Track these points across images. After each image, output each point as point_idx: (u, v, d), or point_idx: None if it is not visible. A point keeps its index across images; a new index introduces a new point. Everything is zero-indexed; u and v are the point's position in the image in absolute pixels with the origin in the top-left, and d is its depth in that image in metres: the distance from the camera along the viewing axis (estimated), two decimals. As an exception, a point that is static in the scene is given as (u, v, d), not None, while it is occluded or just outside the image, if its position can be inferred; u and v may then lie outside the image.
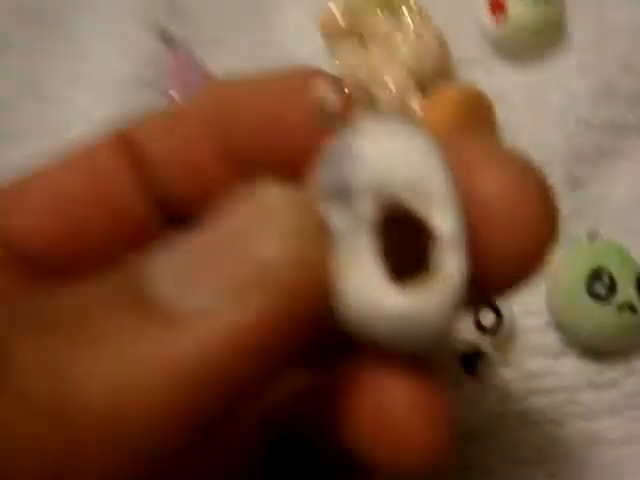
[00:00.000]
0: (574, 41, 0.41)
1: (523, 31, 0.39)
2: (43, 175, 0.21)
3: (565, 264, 0.35)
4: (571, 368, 0.35)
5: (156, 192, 0.21)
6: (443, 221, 0.15)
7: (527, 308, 0.36)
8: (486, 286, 0.18)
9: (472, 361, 0.32)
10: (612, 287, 0.33)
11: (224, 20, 0.41)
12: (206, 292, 0.15)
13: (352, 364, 0.18)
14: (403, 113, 0.35)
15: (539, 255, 0.18)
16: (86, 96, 0.40)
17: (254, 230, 0.16)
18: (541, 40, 0.40)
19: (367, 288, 0.16)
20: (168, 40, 0.39)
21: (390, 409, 0.17)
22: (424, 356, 0.17)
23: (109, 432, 0.14)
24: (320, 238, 0.16)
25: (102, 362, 0.15)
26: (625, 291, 0.33)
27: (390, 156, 0.16)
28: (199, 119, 0.21)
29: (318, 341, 0.16)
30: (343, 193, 0.16)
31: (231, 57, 0.41)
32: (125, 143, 0.21)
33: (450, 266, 0.15)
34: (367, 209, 0.16)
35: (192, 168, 0.21)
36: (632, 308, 0.33)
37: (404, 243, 0.16)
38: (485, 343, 0.33)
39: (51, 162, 0.21)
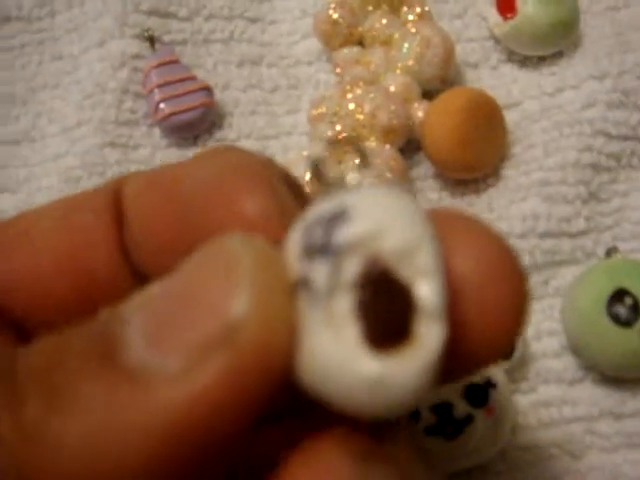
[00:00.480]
0: (589, 44, 0.38)
1: (534, 31, 0.37)
2: (30, 223, 0.21)
3: (582, 283, 0.32)
4: (589, 396, 0.33)
5: (133, 255, 0.21)
6: (427, 292, 0.15)
7: (540, 329, 0.33)
8: (461, 359, 0.18)
9: (483, 391, 0.29)
10: (635, 309, 0.30)
11: (215, 21, 0.39)
12: (172, 355, 0.15)
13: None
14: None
15: (510, 332, 0.18)
16: (64, 101, 0.38)
17: (220, 285, 0.15)
18: (553, 42, 0.38)
19: (339, 350, 0.15)
20: (151, 40, 0.37)
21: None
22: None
23: None
24: (288, 297, 0.16)
25: (73, 426, 0.15)
26: (649, 313, 0.30)
27: (382, 220, 0.15)
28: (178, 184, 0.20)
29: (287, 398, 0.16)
30: (329, 252, 0.15)
31: (222, 57, 0.38)
32: (116, 196, 0.21)
33: (429, 336, 0.15)
34: (351, 270, 0.15)
35: (167, 234, 0.20)
36: (657, 332, 0.30)
37: (386, 308, 0.15)
38: (496, 371, 0.30)
39: (43, 207, 0.21)
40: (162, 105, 0.36)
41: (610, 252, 0.34)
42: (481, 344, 0.18)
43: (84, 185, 0.35)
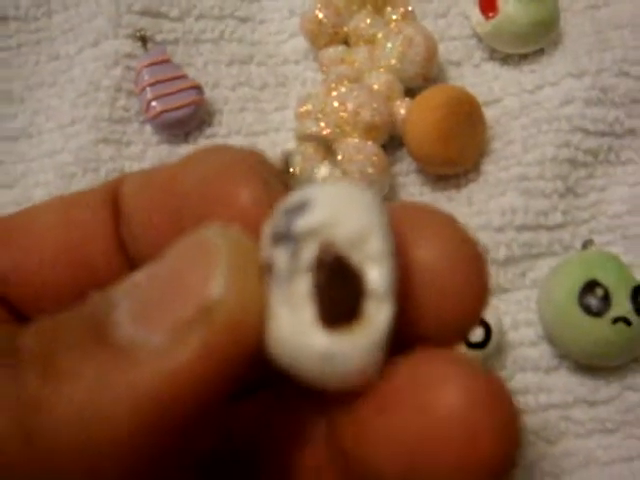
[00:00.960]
0: (569, 42, 0.39)
1: (515, 30, 0.38)
2: (31, 218, 0.23)
3: (556, 274, 0.33)
4: (564, 384, 0.34)
5: (130, 248, 0.22)
6: (376, 276, 0.17)
7: (517, 319, 0.34)
8: (426, 334, 0.19)
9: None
10: (606, 300, 0.31)
11: (206, 21, 0.40)
12: (157, 332, 0.17)
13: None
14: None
15: (472, 314, 0.19)
16: (60, 99, 0.39)
17: (198, 270, 0.17)
18: (534, 40, 0.39)
19: (297, 327, 0.17)
20: (143, 40, 0.38)
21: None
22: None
23: (79, 456, 0.16)
24: (258, 278, 0.17)
25: (67, 398, 0.16)
26: (619, 304, 0.31)
27: (337, 211, 0.17)
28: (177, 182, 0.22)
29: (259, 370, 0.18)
30: (290, 239, 0.17)
31: (213, 56, 0.40)
32: (113, 194, 0.22)
33: (377, 316, 0.17)
34: (308, 255, 0.17)
35: (163, 228, 0.22)
36: (627, 321, 0.31)
37: (339, 290, 0.17)
38: (474, 358, 0.31)
39: (43, 204, 0.23)
40: (154, 103, 0.37)
41: (586, 244, 0.35)
42: (444, 325, 0.19)
43: (79, 181, 0.36)
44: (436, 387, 0.16)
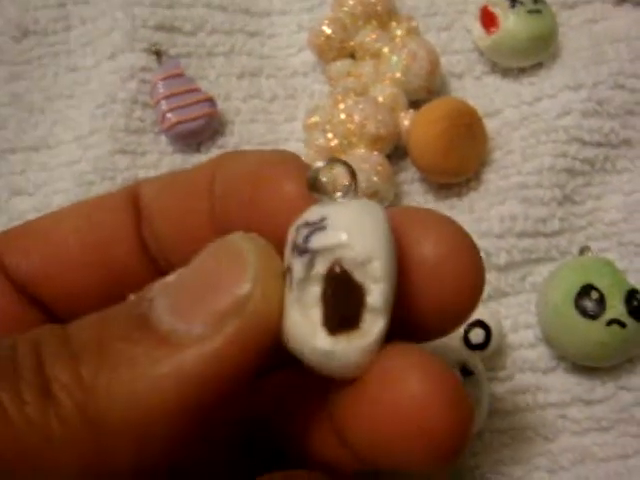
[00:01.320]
0: (566, 56, 0.41)
1: (515, 44, 0.39)
2: (56, 221, 0.26)
3: (554, 279, 0.35)
4: (561, 384, 0.35)
5: (152, 247, 0.25)
6: (374, 294, 0.20)
7: (517, 322, 0.36)
8: (425, 324, 0.22)
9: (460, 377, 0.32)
10: (601, 303, 0.33)
11: (218, 35, 0.41)
12: (196, 323, 0.20)
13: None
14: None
15: (468, 303, 0.22)
16: (78, 110, 0.41)
17: (231, 271, 0.20)
18: (533, 54, 0.40)
19: (306, 327, 0.20)
20: (158, 54, 0.40)
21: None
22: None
23: (132, 434, 0.19)
24: (280, 281, 0.20)
25: (121, 380, 0.19)
26: (614, 307, 0.33)
27: (348, 235, 0.20)
28: (200, 184, 0.25)
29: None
30: (307, 252, 0.20)
31: (224, 69, 0.41)
32: (133, 197, 0.25)
33: (372, 328, 0.20)
34: (320, 268, 0.20)
35: (187, 228, 0.25)
36: (621, 324, 0.33)
37: (344, 300, 0.20)
38: (474, 359, 0.33)
39: (66, 208, 0.26)
40: (169, 115, 0.38)
41: (583, 251, 0.37)
42: (443, 313, 0.22)
43: (96, 189, 0.38)
44: (399, 376, 0.20)
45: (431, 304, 0.22)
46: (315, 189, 0.21)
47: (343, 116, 0.37)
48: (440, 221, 0.22)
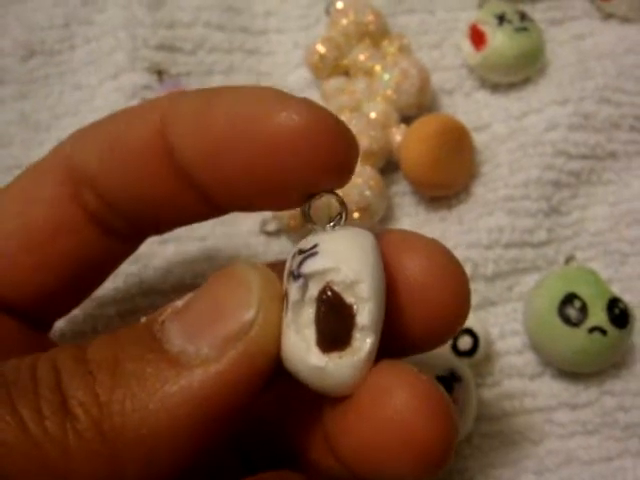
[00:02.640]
0: (553, 71, 0.42)
1: (503, 61, 0.41)
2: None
3: (539, 288, 0.36)
4: (547, 389, 0.37)
5: (105, 215, 0.26)
6: (364, 315, 0.21)
7: (504, 330, 0.37)
8: (416, 340, 0.24)
9: (448, 384, 0.33)
10: (583, 311, 0.34)
11: (217, 54, 0.43)
12: (204, 346, 0.21)
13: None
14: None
15: (455, 317, 0.24)
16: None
17: (236, 298, 0.22)
18: (520, 70, 0.41)
19: (301, 346, 0.22)
20: (159, 73, 0.41)
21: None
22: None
23: (144, 447, 0.21)
24: (280, 306, 0.22)
25: (134, 398, 0.21)
26: (596, 315, 0.34)
27: (338, 260, 0.22)
28: (145, 141, 0.25)
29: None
30: (300, 277, 0.22)
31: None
32: (69, 172, 0.26)
33: (362, 345, 0.22)
34: (313, 292, 0.22)
35: (144, 189, 0.26)
36: (602, 331, 0.34)
37: (336, 320, 0.22)
38: (462, 366, 0.34)
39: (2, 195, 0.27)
40: (169, 131, 0.40)
41: (569, 260, 0.38)
42: (431, 325, 0.24)
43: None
44: (388, 394, 0.22)
45: (420, 322, 0.23)
46: (309, 220, 0.23)
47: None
48: (427, 244, 0.24)
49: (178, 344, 0.22)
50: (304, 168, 0.23)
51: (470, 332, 0.35)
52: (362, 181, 0.37)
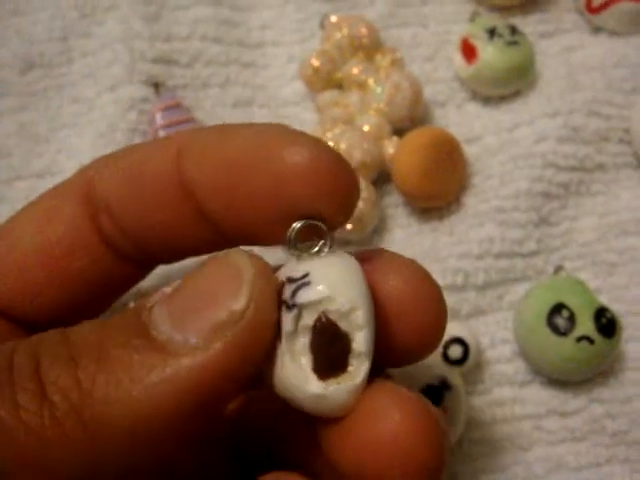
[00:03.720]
0: (543, 84, 0.43)
1: (494, 74, 0.42)
2: (10, 246, 0.27)
3: (528, 298, 0.37)
4: (536, 396, 0.37)
5: (117, 240, 0.27)
6: (358, 341, 0.22)
7: (495, 338, 0.38)
8: (401, 353, 0.25)
9: (439, 392, 0.34)
10: (571, 321, 0.35)
11: (213, 67, 0.44)
12: (192, 334, 0.21)
13: None
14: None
15: (434, 334, 0.25)
16: (81, 139, 0.42)
17: (227, 285, 0.21)
18: (511, 83, 0.42)
19: (297, 374, 0.22)
20: (156, 86, 0.42)
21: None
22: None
23: (127, 437, 0.20)
24: (274, 298, 0.22)
25: (118, 385, 0.20)
26: (584, 324, 0.35)
27: (331, 289, 0.22)
28: (164, 173, 0.26)
29: None
30: (294, 306, 0.22)
31: (219, 99, 0.43)
32: (87, 197, 0.27)
33: (358, 370, 0.22)
34: (307, 321, 0.22)
35: (159, 221, 0.26)
36: (590, 340, 0.35)
37: (332, 347, 0.22)
38: (453, 374, 0.35)
39: (18, 226, 0.28)
40: (166, 143, 0.41)
41: (557, 270, 0.39)
42: (413, 341, 0.25)
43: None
44: (382, 415, 0.22)
45: (400, 340, 0.24)
46: (293, 246, 0.24)
47: (331, 144, 0.39)
48: (405, 265, 0.25)
49: (165, 331, 0.21)
50: (308, 202, 0.23)
51: (460, 341, 0.36)
52: (355, 193, 0.38)
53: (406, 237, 0.40)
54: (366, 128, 0.40)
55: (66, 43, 0.44)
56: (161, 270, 0.38)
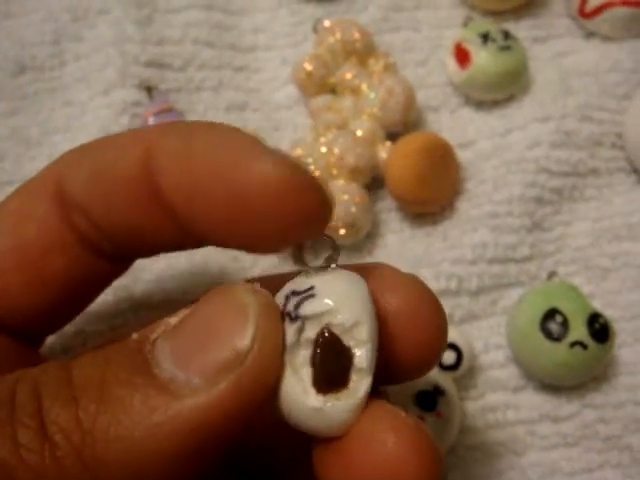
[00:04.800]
0: (536, 89, 0.43)
1: (487, 79, 0.42)
2: None
3: (522, 303, 0.37)
4: (530, 402, 0.37)
5: (92, 235, 0.26)
6: (361, 357, 0.22)
7: (488, 343, 0.38)
8: (400, 371, 0.24)
9: (432, 397, 0.34)
10: (565, 326, 0.35)
11: (206, 70, 0.43)
12: (195, 374, 0.21)
13: None
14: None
15: (434, 352, 0.25)
16: (73, 143, 0.42)
17: (232, 324, 0.21)
18: (504, 88, 0.42)
19: (297, 387, 0.22)
20: (149, 90, 0.42)
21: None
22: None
23: (126, 473, 0.20)
24: (279, 337, 0.22)
25: (119, 426, 0.20)
26: (577, 329, 0.35)
27: (335, 302, 0.22)
28: (129, 171, 0.25)
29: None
30: (297, 318, 0.22)
31: (212, 103, 0.43)
32: (57, 194, 0.26)
33: (359, 387, 0.22)
34: (310, 334, 0.22)
35: (126, 214, 0.25)
36: (583, 345, 0.35)
37: (334, 361, 0.22)
38: (446, 379, 0.35)
39: None
40: (159, 147, 0.40)
41: (551, 275, 0.39)
42: (412, 359, 0.24)
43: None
44: (377, 439, 0.22)
45: (401, 356, 0.24)
46: (300, 261, 0.24)
47: (324, 149, 0.39)
48: (406, 282, 0.25)
49: (168, 368, 0.21)
50: (276, 217, 0.22)
51: (454, 346, 0.36)
52: (348, 198, 0.38)
53: (399, 242, 0.40)
54: (359, 133, 0.40)
55: (58, 46, 0.44)
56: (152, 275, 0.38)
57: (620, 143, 0.41)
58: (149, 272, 0.38)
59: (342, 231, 0.38)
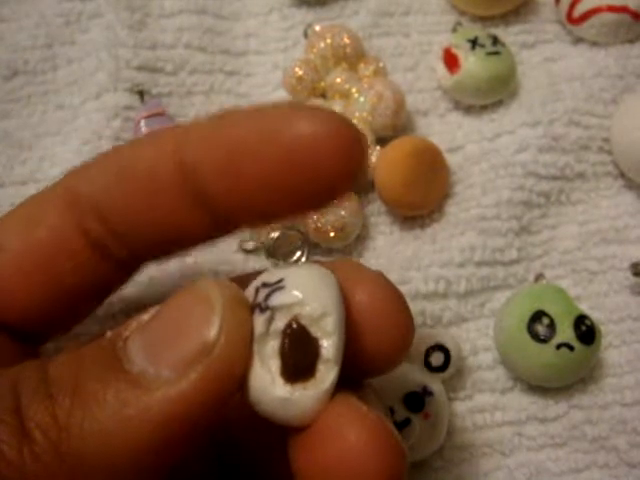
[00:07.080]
0: (525, 94, 0.43)
1: (476, 84, 0.42)
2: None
3: (509, 305, 0.37)
4: (517, 403, 0.38)
5: (110, 243, 0.27)
6: (328, 347, 0.22)
7: (476, 345, 0.38)
8: (367, 365, 0.25)
9: (420, 398, 0.34)
10: (551, 328, 0.35)
11: (198, 75, 0.44)
12: (164, 367, 0.21)
13: None
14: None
15: (399, 346, 0.25)
16: (65, 146, 0.43)
17: (198, 317, 0.22)
18: (493, 93, 0.43)
19: (265, 377, 0.22)
20: (141, 94, 0.42)
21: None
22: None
23: (104, 470, 0.21)
24: (247, 327, 0.22)
25: (93, 420, 0.21)
26: (563, 331, 0.35)
27: (303, 294, 0.22)
28: (156, 165, 0.25)
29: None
30: (267, 309, 0.22)
31: (204, 107, 0.43)
32: (71, 201, 0.26)
33: (325, 377, 0.22)
34: (279, 324, 0.22)
35: (154, 218, 0.26)
36: (570, 347, 0.35)
37: (302, 352, 0.22)
38: (434, 381, 0.35)
39: (3, 233, 0.27)
40: (150, 151, 0.41)
41: (538, 278, 0.39)
42: (379, 353, 0.25)
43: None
44: (340, 431, 0.22)
45: (367, 351, 0.24)
46: (271, 254, 0.24)
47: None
48: (372, 278, 0.25)
49: (140, 364, 0.21)
50: (322, 174, 0.22)
51: (442, 348, 0.36)
52: (338, 201, 0.38)
53: (388, 245, 0.40)
54: (349, 137, 0.40)
55: (50, 50, 0.44)
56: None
57: (607, 147, 0.42)
58: (141, 274, 0.38)
59: (332, 234, 0.38)
